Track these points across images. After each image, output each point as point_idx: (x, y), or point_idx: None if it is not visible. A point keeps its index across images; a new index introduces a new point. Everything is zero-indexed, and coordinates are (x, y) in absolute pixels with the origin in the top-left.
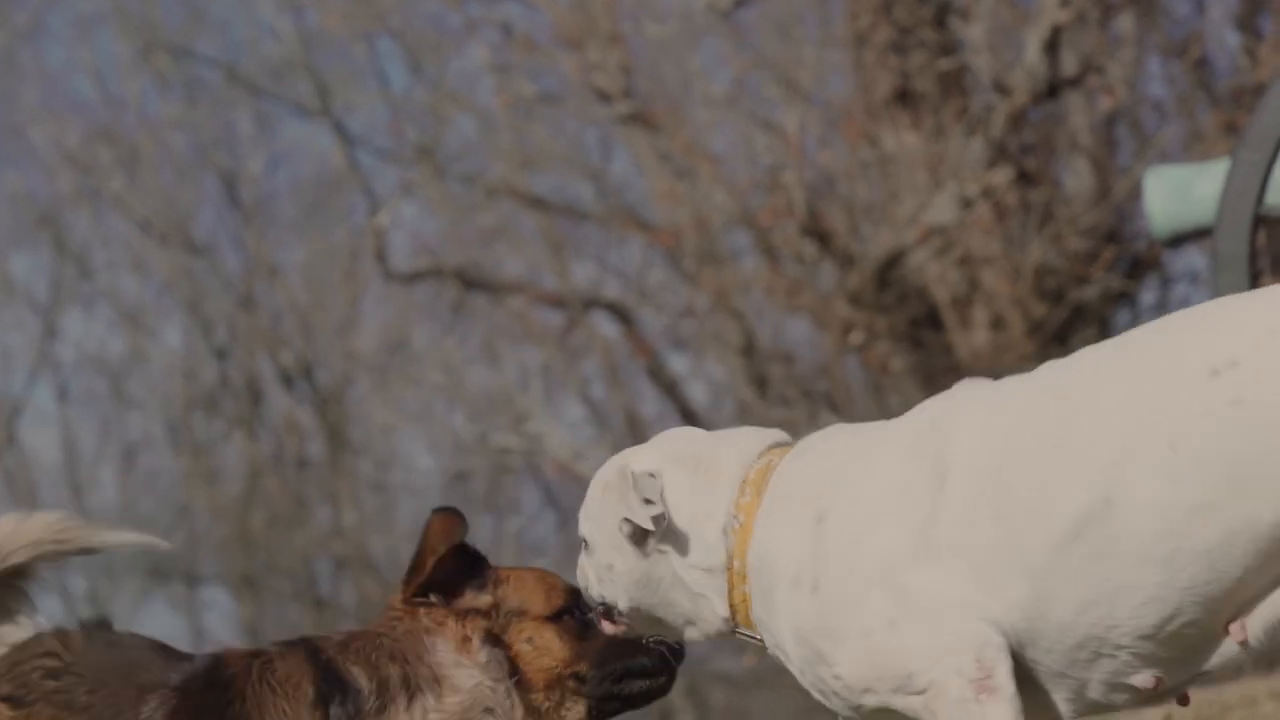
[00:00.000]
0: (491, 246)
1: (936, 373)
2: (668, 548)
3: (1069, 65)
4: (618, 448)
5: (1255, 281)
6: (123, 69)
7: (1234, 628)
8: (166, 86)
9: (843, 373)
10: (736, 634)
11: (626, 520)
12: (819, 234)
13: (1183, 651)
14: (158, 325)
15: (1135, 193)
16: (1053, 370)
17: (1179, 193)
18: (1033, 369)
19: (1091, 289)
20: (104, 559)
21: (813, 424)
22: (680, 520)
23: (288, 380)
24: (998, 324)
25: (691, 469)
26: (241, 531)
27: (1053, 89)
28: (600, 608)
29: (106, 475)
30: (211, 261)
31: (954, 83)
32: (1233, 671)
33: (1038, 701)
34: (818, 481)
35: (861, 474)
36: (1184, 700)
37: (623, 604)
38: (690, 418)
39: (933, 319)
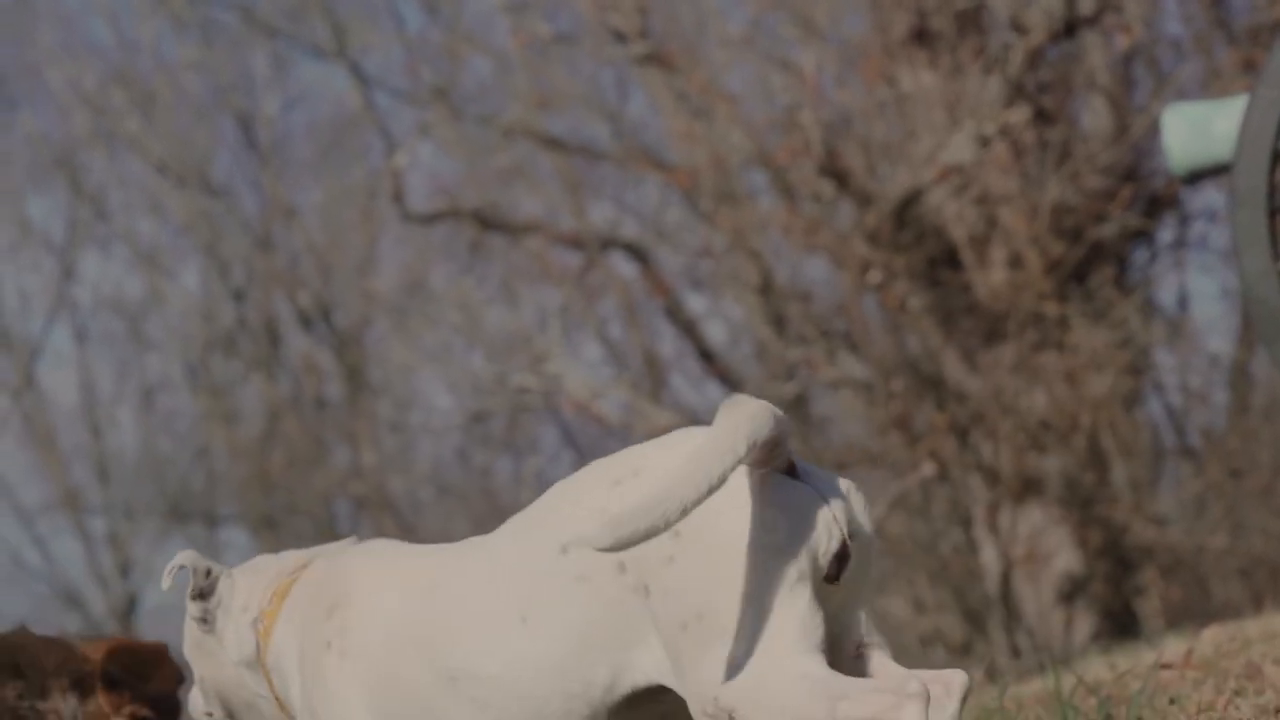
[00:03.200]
0: (509, 187)
1: (954, 311)
2: (226, 646)
3: (1086, 3)
4: (636, 387)
5: (1273, 218)
6: (138, 11)
7: None
8: (182, 28)
9: (861, 311)
10: None
11: (191, 600)
12: (836, 173)
13: None
14: (175, 267)
15: (1153, 130)
16: (445, 550)
17: (1197, 129)
18: (1051, 307)
19: (1109, 227)
20: (123, 501)
21: (831, 363)
22: (233, 619)
23: (306, 321)
24: (1015, 262)
25: (253, 576)
26: (260, 472)
27: (1070, 27)
28: None
29: (125, 417)
30: (228, 203)
31: (971, 21)
32: (1252, 607)
33: None
34: (293, 620)
35: (305, 631)
36: None
37: (219, 716)
38: (708, 357)
39: (950, 258)
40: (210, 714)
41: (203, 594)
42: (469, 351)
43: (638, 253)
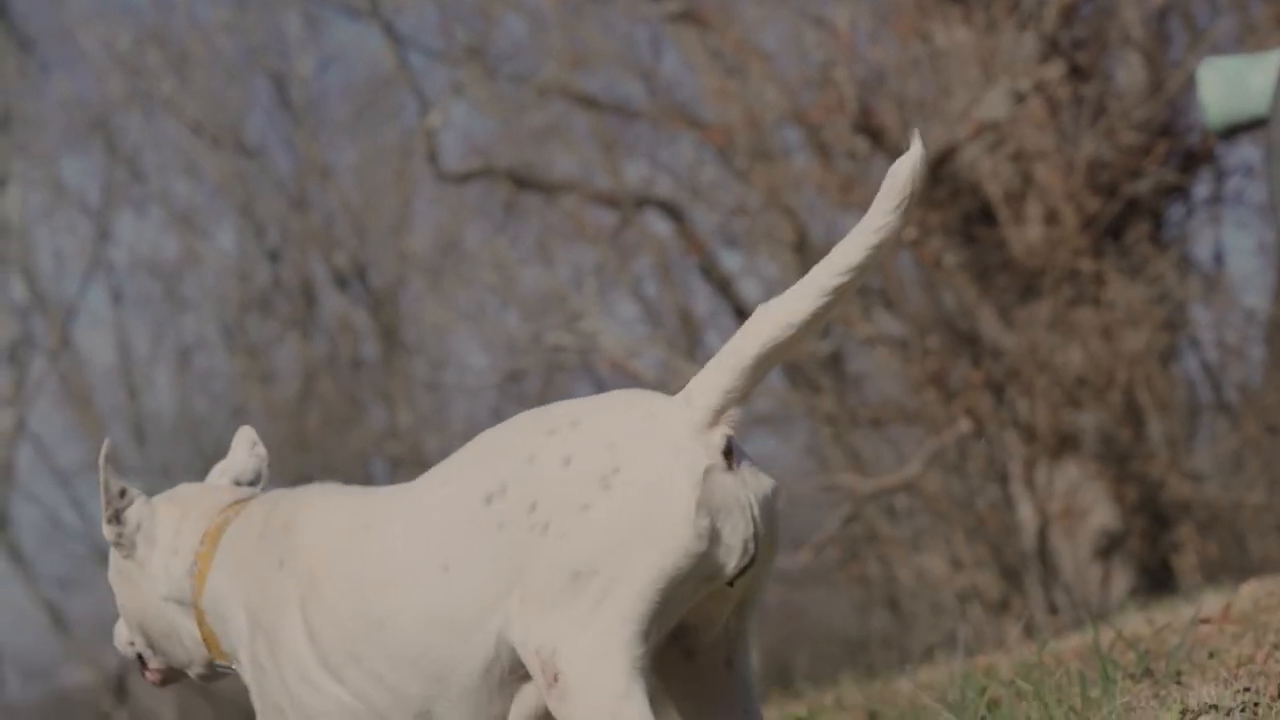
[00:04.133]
0: (543, 146)
1: (990, 268)
2: (151, 578)
3: None
4: (671, 345)
5: None
6: None
7: None
8: None
9: (896, 268)
10: (217, 668)
11: (106, 523)
12: (870, 130)
13: None
14: (210, 227)
15: (1188, 86)
16: (380, 493)
17: (1233, 84)
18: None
19: (1145, 183)
20: (160, 461)
21: (866, 320)
22: (160, 554)
23: (341, 281)
24: (1051, 218)
25: (178, 510)
26: (297, 432)
27: None
28: (136, 658)
29: (161, 377)
30: (263, 163)
31: None
32: None
33: None
34: (237, 553)
35: (255, 559)
36: None
37: (141, 646)
38: (743, 314)
39: (986, 214)
40: (133, 643)
41: (117, 516)
42: (504, 310)
43: (672, 211)
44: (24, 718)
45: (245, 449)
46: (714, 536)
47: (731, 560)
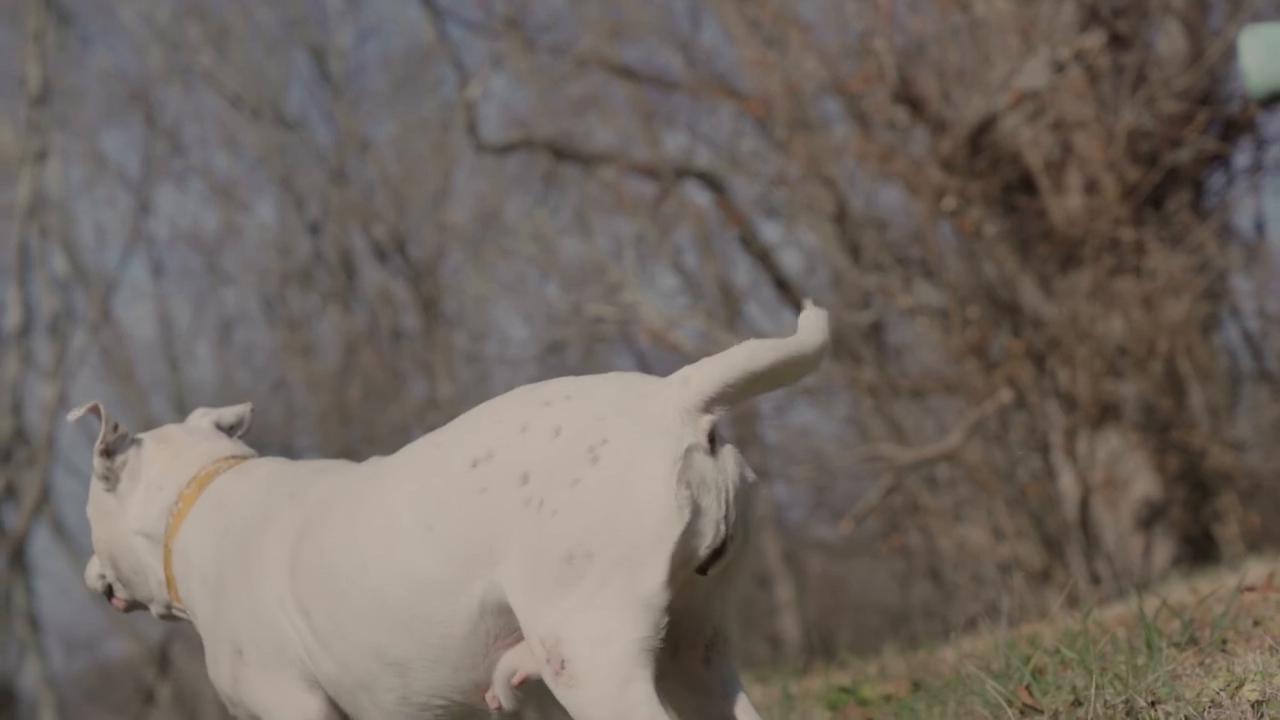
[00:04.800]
0: (582, 117)
1: (1030, 237)
2: (127, 513)
3: None
4: (711, 316)
5: None
6: None
7: (488, 697)
8: None
9: (936, 239)
10: (173, 610)
11: (97, 455)
12: (910, 100)
13: (447, 716)
14: (250, 200)
15: (1229, 54)
16: (383, 459)
17: (1275, 51)
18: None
19: (1185, 152)
20: None
21: (907, 290)
22: (141, 489)
23: (381, 253)
24: (1091, 188)
25: (169, 451)
26: (338, 404)
27: None
28: (104, 590)
29: (202, 350)
30: (303, 136)
31: None
32: None
33: None
34: (234, 499)
35: (256, 508)
36: None
37: (111, 579)
38: (783, 285)
39: (1026, 183)
40: (103, 576)
41: (109, 451)
42: (544, 282)
43: (712, 181)
44: (68, 689)
45: (237, 406)
46: (695, 510)
47: (703, 545)
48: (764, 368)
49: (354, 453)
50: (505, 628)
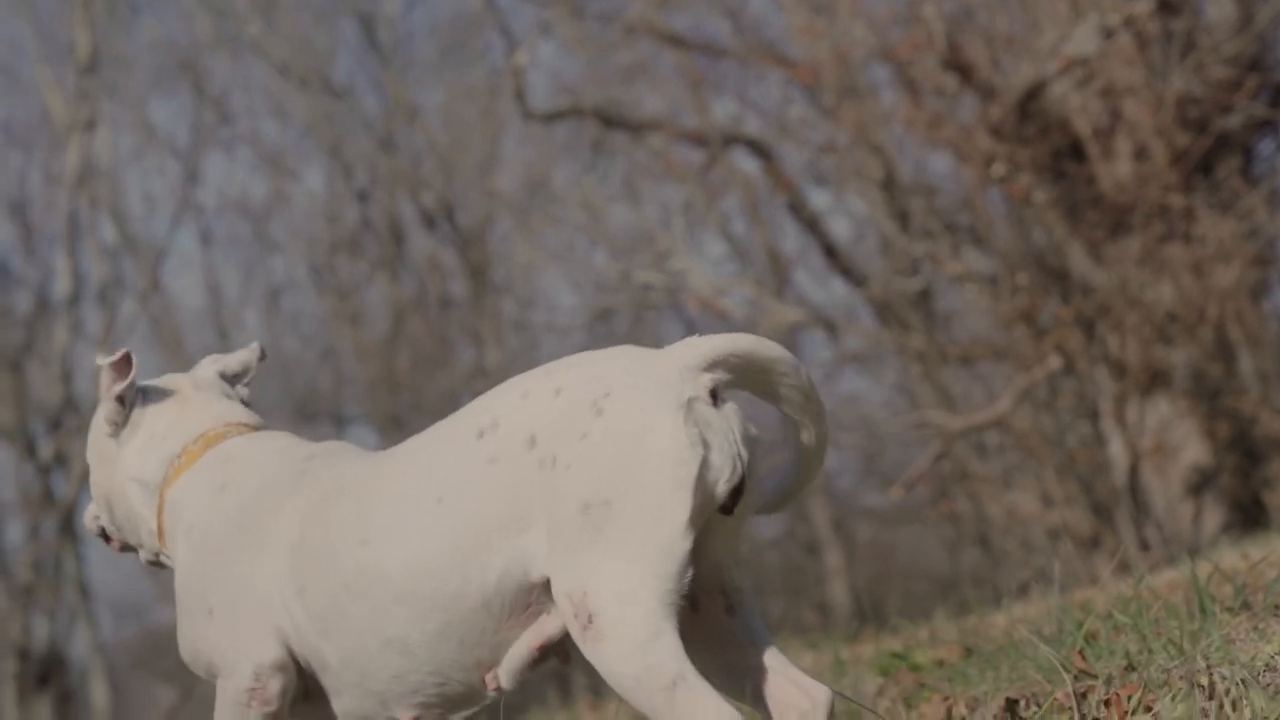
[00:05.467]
0: (630, 84)
1: (1080, 204)
2: (125, 459)
3: None
4: (759, 283)
5: None
6: None
7: (488, 678)
8: None
9: (985, 205)
10: (161, 559)
11: (111, 400)
12: (959, 66)
13: (440, 698)
14: (299, 168)
15: (1278, 20)
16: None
17: None
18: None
19: (1235, 117)
20: (251, 402)
21: (956, 257)
22: (142, 438)
23: (429, 221)
24: (1141, 154)
25: (176, 403)
26: (386, 372)
27: None
28: (99, 532)
29: (251, 318)
30: (351, 104)
31: None
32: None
33: (332, 710)
34: (241, 463)
35: (264, 478)
36: None
37: (105, 522)
38: (832, 252)
39: (1075, 150)
40: (98, 517)
41: (122, 397)
42: (592, 249)
43: (760, 149)
44: (118, 656)
45: (243, 350)
46: (706, 446)
47: (723, 480)
48: (766, 359)
49: (403, 421)
50: (520, 603)
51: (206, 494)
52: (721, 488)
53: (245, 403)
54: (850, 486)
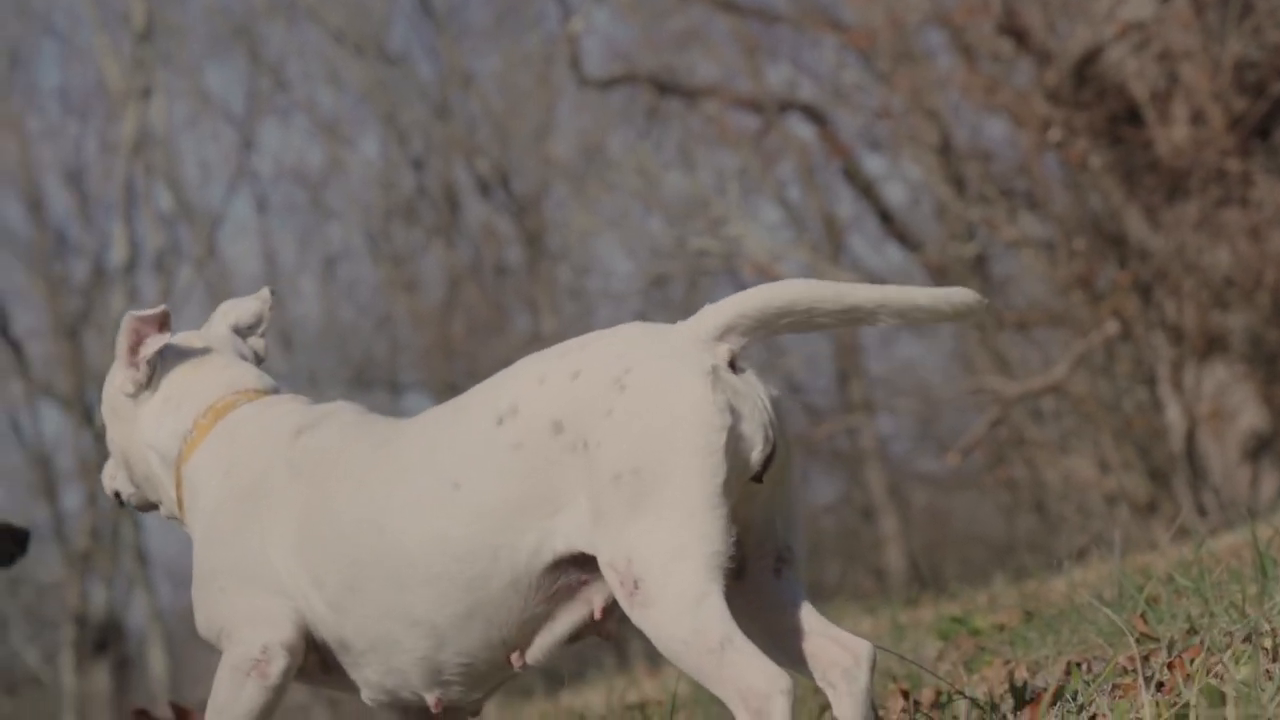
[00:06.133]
0: (685, 51)
1: (1136, 168)
2: (143, 423)
3: None
4: (815, 249)
5: None
6: None
7: (513, 657)
8: None
9: (1041, 170)
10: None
11: (143, 365)
12: (1015, 31)
13: (464, 677)
14: (354, 135)
15: None
16: (399, 420)
17: None
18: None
19: None
20: (305, 369)
21: (1012, 222)
22: (157, 402)
23: (485, 188)
24: (1197, 118)
25: (188, 365)
26: (442, 339)
27: None
28: (114, 494)
29: (308, 285)
30: (406, 71)
31: None
32: None
33: (348, 684)
34: (245, 444)
35: (265, 450)
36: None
37: (123, 484)
38: (887, 218)
39: (1132, 114)
40: (115, 477)
41: (149, 360)
42: (647, 216)
43: (815, 114)
44: (175, 623)
45: (255, 298)
46: (735, 414)
47: (755, 448)
48: (778, 309)
49: (458, 388)
50: (548, 581)
51: (215, 478)
52: (755, 456)
53: (259, 355)
54: (906, 452)
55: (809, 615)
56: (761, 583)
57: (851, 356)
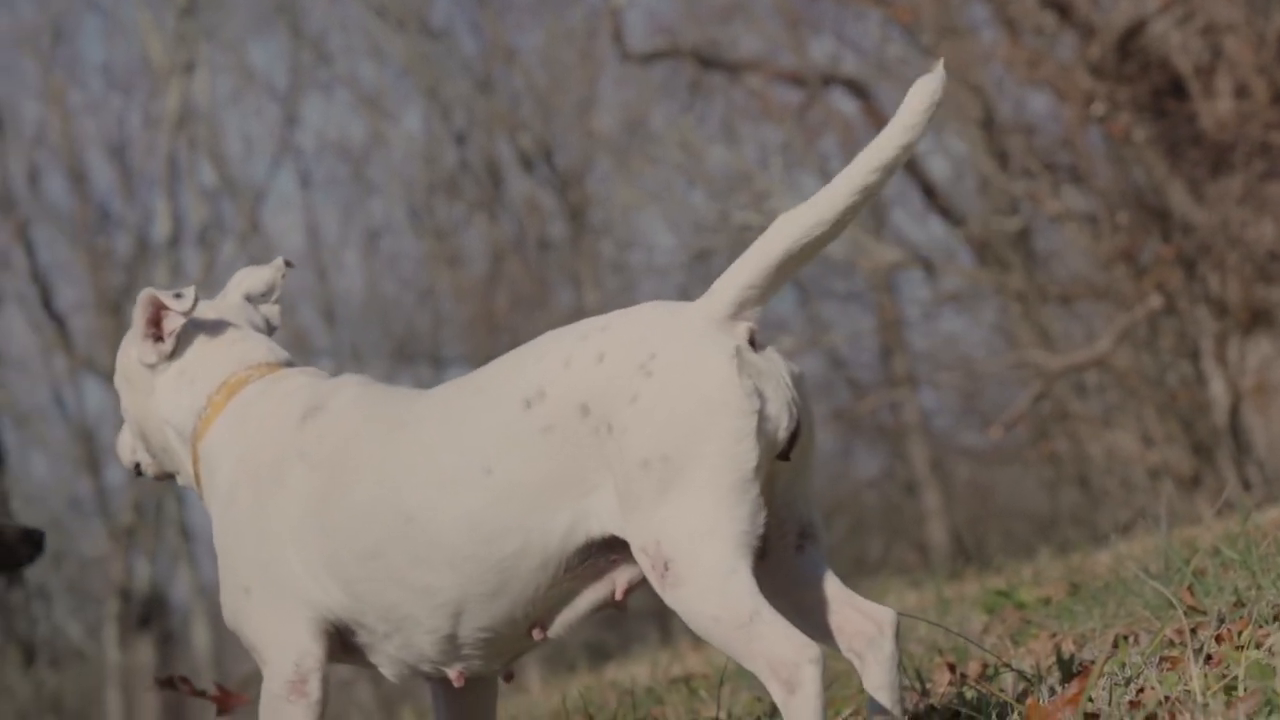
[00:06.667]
0: (728, 25)
1: (1180, 142)
2: (159, 396)
3: None
4: (858, 223)
5: None
6: None
7: (535, 631)
8: None
9: (1085, 144)
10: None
11: (167, 339)
12: (1059, 5)
13: (484, 651)
14: (397, 110)
15: None
16: (416, 393)
17: None
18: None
19: None
20: (348, 343)
21: (1055, 196)
22: (172, 375)
23: (527, 162)
24: (1241, 92)
25: (202, 336)
26: (485, 313)
27: None
28: (134, 467)
29: (351, 260)
30: (449, 45)
31: None
32: None
33: (366, 662)
34: (254, 426)
35: (274, 435)
36: (508, 677)
37: (141, 455)
38: (931, 192)
39: (1176, 88)
40: (134, 449)
41: (172, 334)
42: (690, 190)
43: (858, 88)
44: (217, 598)
45: (269, 266)
46: (761, 397)
47: (781, 428)
48: (782, 251)
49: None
50: (577, 560)
51: (228, 463)
52: (782, 435)
53: (270, 324)
54: (949, 426)
55: (833, 588)
56: (785, 559)
57: (894, 331)
